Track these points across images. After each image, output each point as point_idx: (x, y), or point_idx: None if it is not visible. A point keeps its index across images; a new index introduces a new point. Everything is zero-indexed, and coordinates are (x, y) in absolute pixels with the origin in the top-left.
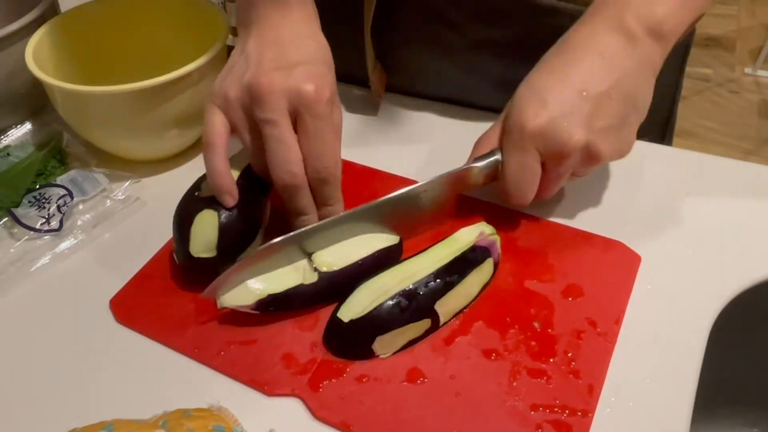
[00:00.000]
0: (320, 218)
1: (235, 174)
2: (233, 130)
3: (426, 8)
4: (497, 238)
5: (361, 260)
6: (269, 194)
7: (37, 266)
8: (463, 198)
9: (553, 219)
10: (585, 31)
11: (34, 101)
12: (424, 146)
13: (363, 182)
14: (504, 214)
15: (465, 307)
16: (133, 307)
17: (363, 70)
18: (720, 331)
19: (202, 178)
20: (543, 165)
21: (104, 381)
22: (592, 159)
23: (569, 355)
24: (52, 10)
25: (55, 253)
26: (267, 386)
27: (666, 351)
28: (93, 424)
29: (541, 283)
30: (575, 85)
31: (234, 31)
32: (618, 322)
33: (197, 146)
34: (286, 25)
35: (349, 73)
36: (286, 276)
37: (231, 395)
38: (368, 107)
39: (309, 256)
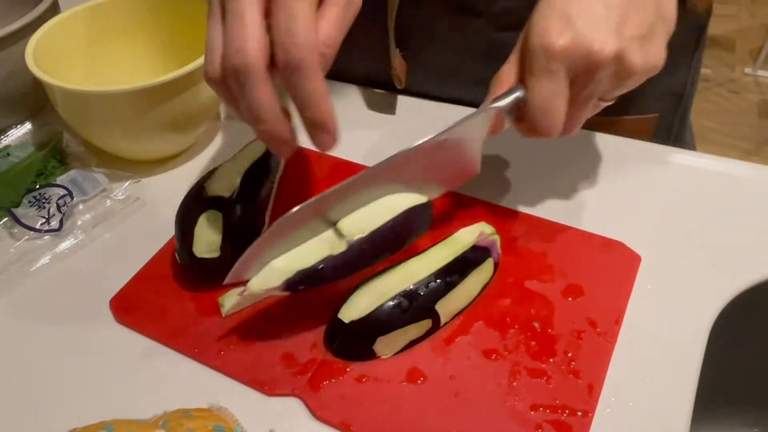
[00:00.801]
0: (308, 136)
1: (240, 171)
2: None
3: None
4: (497, 238)
5: (391, 221)
6: (273, 193)
7: (37, 266)
8: (463, 198)
9: (553, 219)
10: None
11: (34, 101)
12: None
13: None
14: (504, 214)
15: (465, 308)
16: (133, 307)
17: (382, 67)
18: (720, 331)
19: (205, 178)
20: (570, 88)
21: (104, 381)
22: (624, 72)
23: (569, 355)
24: (52, 10)
25: (55, 253)
26: (267, 386)
27: (666, 351)
28: (93, 424)
29: (541, 283)
30: None
31: None
32: (618, 322)
33: (197, 146)
34: None
35: (366, 73)
36: (312, 249)
37: (231, 395)
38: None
39: (333, 225)
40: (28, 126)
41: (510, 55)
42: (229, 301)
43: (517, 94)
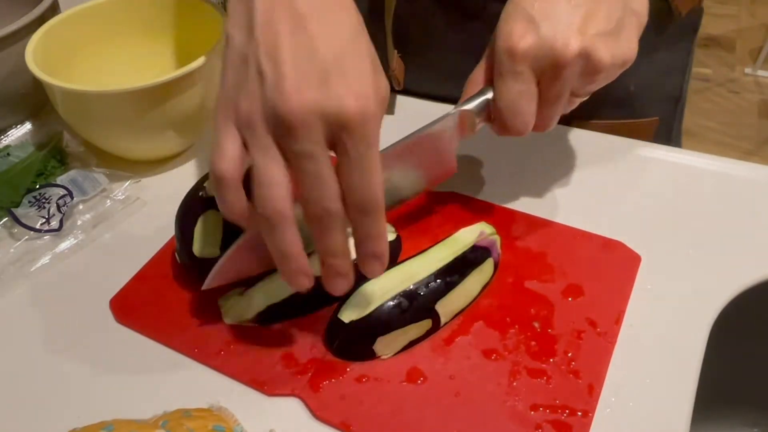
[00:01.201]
0: (360, 261)
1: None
2: (249, 152)
3: None
4: (497, 238)
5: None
6: None
7: (37, 266)
8: (464, 198)
9: (553, 219)
10: None
11: (34, 101)
12: None
13: None
14: (504, 214)
15: (465, 308)
16: (133, 306)
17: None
18: (720, 331)
19: (205, 178)
20: (539, 87)
21: (104, 381)
22: (592, 69)
23: (569, 355)
24: (52, 10)
25: (55, 253)
26: (267, 386)
27: (666, 351)
28: (93, 424)
29: (541, 283)
30: None
31: None
32: (618, 321)
33: (198, 146)
34: None
35: None
36: (283, 284)
37: (231, 395)
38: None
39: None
40: (28, 126)
41: (483, 57)
42: (228, 303)
43: (486, 96)
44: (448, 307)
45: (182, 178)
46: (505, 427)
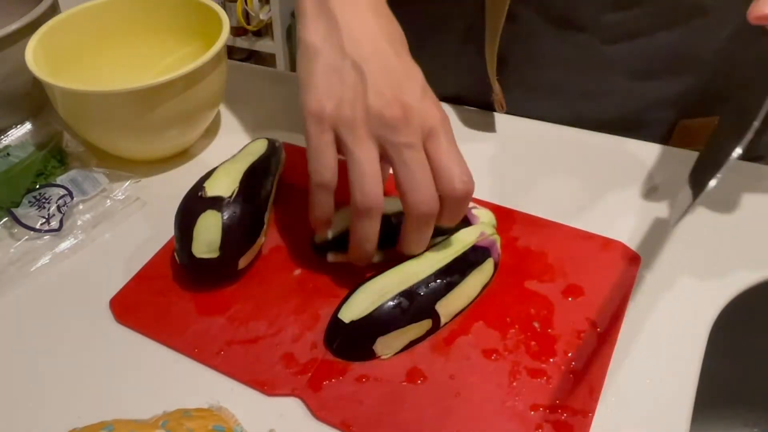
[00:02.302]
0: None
1: (240, 171)
2: (346, 150)
3: (550, 9)
4: (497, 238)
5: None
6: (272, 194)
7: (37, 266)
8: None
9: (553, 219)
10: None
11: (34, 101)
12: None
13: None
14: (504, 214)
15: (465, 308)
16: (133, 307)
17: (476, 87)
18: (720, 331)
19: (205, 178)
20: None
21: (104, 381)
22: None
23: (569, 355)
24: (52, 10)
25: (55, 253)
26: (267, 386)
27: (666, 351)
28: (93, 424)
29: (541, 283)
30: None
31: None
32: (618, 322)
33: (197, 146)
34: (359, 14)
35: (458, 92)
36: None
37: (231, 395)
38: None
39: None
40: (28, 126)
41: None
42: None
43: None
44: (448, 307)
45: (182, 178)
46: (505, 427)
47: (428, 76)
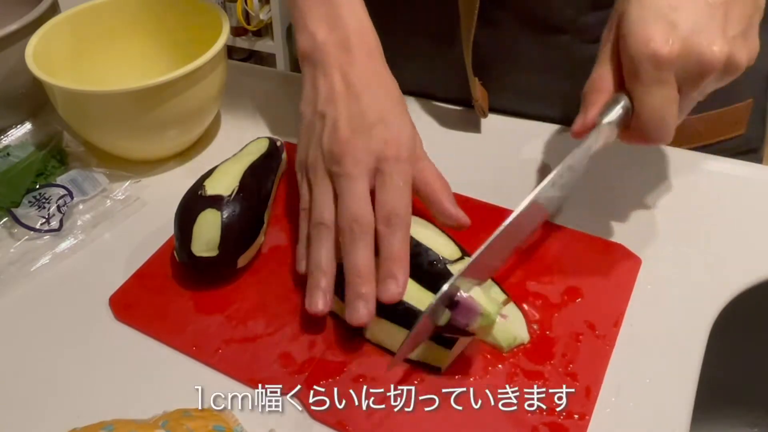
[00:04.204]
0: (380, 282)
1: (240, 170)
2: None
3: (529, 13)
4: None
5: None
6: (272, 193)
7: (37, 266)
8: (464, 199)
9: (553, 221)
10: None
11: (34, 101)
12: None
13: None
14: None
15: None
16: (133, 305)
17: (461, 89)
18: (720, 331)
19: (205, 177)
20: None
21: (104, 381)
22: (732, 72)
23: (567, 357)
24: (52, 10)
25: (55, 253)
26: (264, 385)
27: (666, 351)
28: (93, 424)
29: (541, 285)
30: None
31: (236, 31)
32: (617, 324)
33: (197, 146)
34: (355, 69)
35: (446, 96)
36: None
37: (231, 395)
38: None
39: None
40: (28, 126)
41: (599, 60)
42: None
43: (623, 103)
44: None
45: (182, 178)
46: (502, 429)
47: (414, 79)
